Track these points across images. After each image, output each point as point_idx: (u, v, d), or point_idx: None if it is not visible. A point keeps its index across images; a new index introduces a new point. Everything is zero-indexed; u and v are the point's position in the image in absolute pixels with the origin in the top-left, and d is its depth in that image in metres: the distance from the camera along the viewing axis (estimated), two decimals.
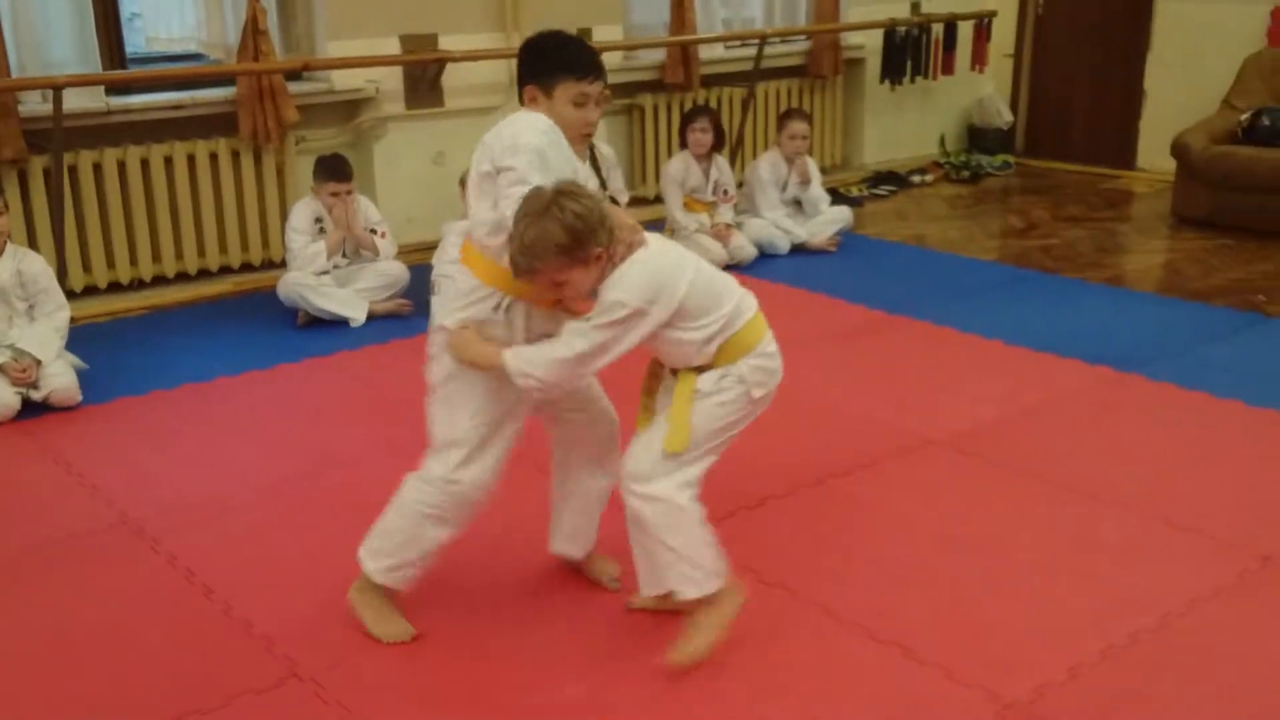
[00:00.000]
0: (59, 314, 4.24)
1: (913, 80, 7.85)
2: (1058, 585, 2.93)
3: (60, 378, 4.11)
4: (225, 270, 5.67)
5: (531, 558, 3.04)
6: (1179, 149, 6.51)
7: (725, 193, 6.01)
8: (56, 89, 4.77)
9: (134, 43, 5.48)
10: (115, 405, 4.21)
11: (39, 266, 4.24)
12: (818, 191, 6.26)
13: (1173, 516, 3.27)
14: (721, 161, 6.06)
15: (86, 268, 5.28)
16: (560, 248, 2.37)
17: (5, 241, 4.15)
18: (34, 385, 4.08)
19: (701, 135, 5.87)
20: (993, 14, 8.04)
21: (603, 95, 2.67)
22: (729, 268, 5.78)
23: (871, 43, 7.74)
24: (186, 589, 2.99)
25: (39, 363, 4.10)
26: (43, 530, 3.32)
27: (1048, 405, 4.08)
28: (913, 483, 3.52)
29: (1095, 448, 3.73)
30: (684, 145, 5.99)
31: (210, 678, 2.61)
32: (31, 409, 4.09)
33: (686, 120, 6.01)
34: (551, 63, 2.59)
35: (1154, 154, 7.65)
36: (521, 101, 2.64)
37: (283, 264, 5.55)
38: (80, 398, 4.15)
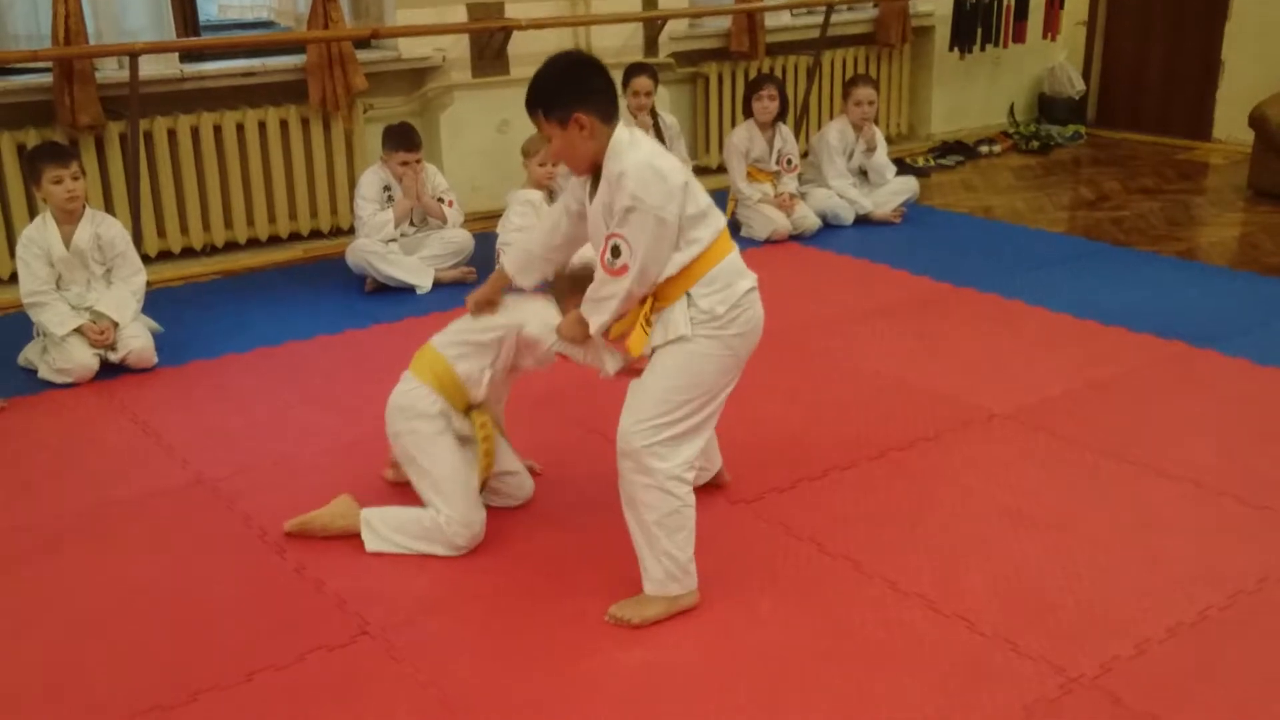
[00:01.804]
0: (136, 278, 4.34)
1: (983, 49, 7.73)
2: (1125, 561, 2.90)
3: (137, 340, 4.21)
4: (295, 237, 5.75)
5: (604, 523, 3.07)
6: (1257, 120, 6.35)
7: (789, 163, 5.97)
8: (134, 55, 4.86)
9: (207, 11, 5.55)
10: (189, 368, 4.31)
11: (116, 231, 4.33)
12: (883, 160, 6.20)
13: (1244, 494, 3.22)
14: (786, 131, 6.02)
15: (160, 233, 5.40)
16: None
17: (83, 206, 4.25)
18: (112, 347, 4.19)
19: (769, 103, 5.83)
20: None
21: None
22: (793, 238, 5.77)
23: (941, 10, 7.63)
24: (260, 548, 3.07)
25: (116, 325, 4.20)
26: (122, 488, 3.41)
27: (1118, 380, 4.02)
28: (977, 456, 3.50)
29: (1166, 423, 3.68)
30: (748, 114, 5.95)
31: (283, 634, 2.68)
32: (109, 370, 4.20)
33: (751, 89, 5.97)
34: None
35: (1231, 125, 7.47)
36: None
37: (351, 231, 5.63)
38: (156, 360, 4.26)
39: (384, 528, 3.03)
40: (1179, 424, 3.67)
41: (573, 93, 2.59)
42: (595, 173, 2.67)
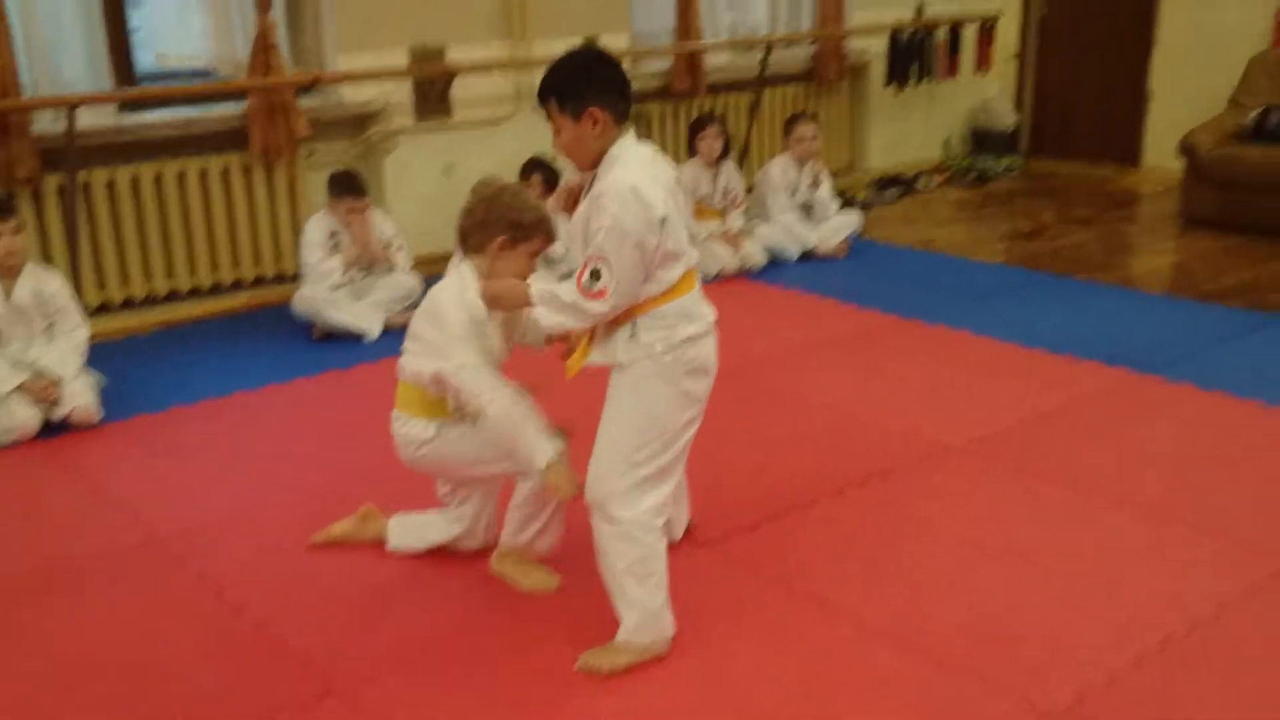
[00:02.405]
0: (78, 332, 4.25)
1: (918, 84, 7.87)
2: (1086, 591, 2.94)
3: (81, 396, 4.12)
4: (238, 284, 5.67)
5: (573, 570, 3.04)
6: (1187, 149, 6.53)
7: (735, 199, 6.03)
8: (71, 107, 4.78)
9: (144, 60, 5.48)
10: (136, 422, 4.22)
11: (57, 285, 4.25)
12: (827, 195, 6.29)
13: (1198, 520, 3.28)
14: (730, 168, 6.08)
15: (100, 284, 5.29)
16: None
17: (23, 261, 4.16)
18: (55, 404, 4.09)
19: (713, 142, 5.89)
20: (997, 16, 8.06)
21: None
22: (741, 274, 5.81)
23: (876, 47, 7.76)
24: (217, 606, 3.00)
25: (59, 381, 4.11)
26: (70, 548, 3.32)
27: (1068, 408, 4.09)
28: (935, 489, 3.53)
29: (1117, 451, 3.74)
30: (693, 153, 6.00)
31: (246, 697, 2.62)
32: (52, 428, 4.10)
33: (695, 129, 6.02)
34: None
35: (1160, 154, 7.66)
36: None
37: (295, 277, 5.56)
38: (101, 415, 4.16)
39: (414, 527, 3.18)
40: (1130, 452, 3.74)
41: (591, 85, 2.54)
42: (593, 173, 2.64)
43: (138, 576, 3.17)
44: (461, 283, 2.87)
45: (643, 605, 2.63)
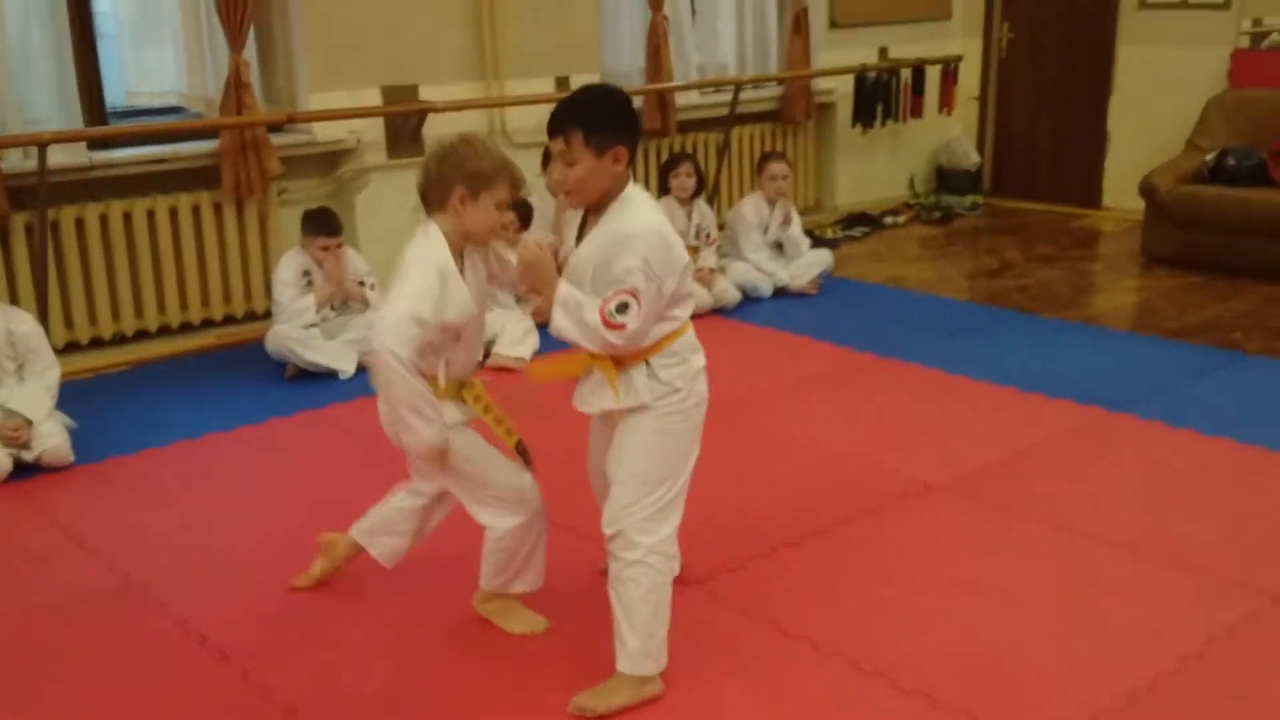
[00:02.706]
0: (49, 373, 4.19)
1: (883, 124, 7.98)
2: (1073, 628, 2.96)
3: (52, 437, 4.05)
4: (208, 323, 5.62)
5: (566, 613, 3.02)
6: (1147, 189, 6.66)
7: (708, 236, 6.06)
8: (42, 145, 4.73)
9: (114, 97, 5.44)
10: (108, 464, 4.15)
11: (29, 326, 4.19)
12: (798, 233, 6.35)
13: (1179, 556, 3.32)
14: (703, 206, 6.12)
15: (68, 324, 5.22)
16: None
17: None
18: (25, 446, 4.02)
19: (685, 180, 5.93)
20: (958, 59, 8.20)
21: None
22: (714, 312, 5.83)
23: (842, 88, 7.86)
24: (200, 653, 2.95)
25: (30, 423, 4.04)
26: (46, 596, 3.26)
27: (1043, 446, 4.13)
28: (919, 528, 3.55)
29: (1095, 488, 3.78)
30: (665, 191, 6.04)
31: None
32: (23, 470, 4.03)
33: (668, 167, 6.06)
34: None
35: (1119, 193, 7.81)
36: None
37: (265, 315, 5.52)
38: (73, 457, 4.10)
39: (382, 524, 3.08)
40: (1107, 489, 3.78)
41: (622, 124, 2.55)
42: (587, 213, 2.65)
43: (117, 624, 3.11)
44: (428, 241, 2.70)
45: (650, 633, 2.63)
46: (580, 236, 2.66)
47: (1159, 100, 7.61)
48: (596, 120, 2.52)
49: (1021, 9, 8.40)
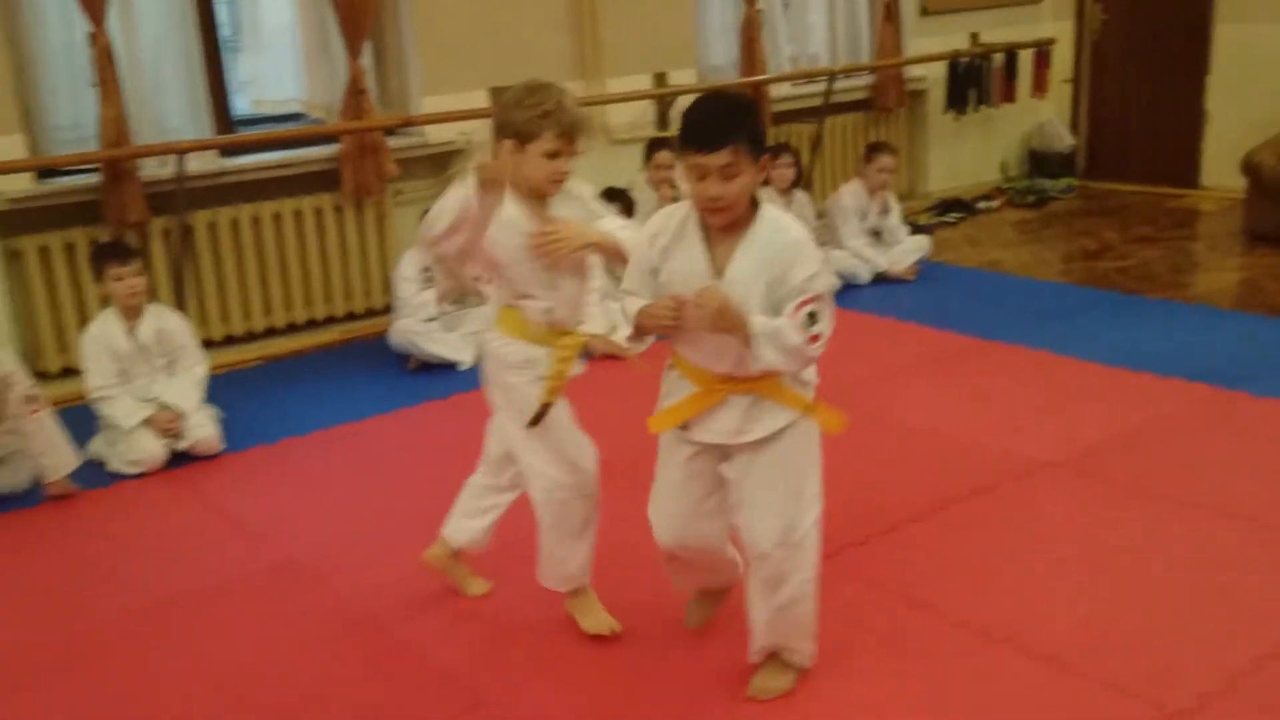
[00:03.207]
0: (198, 368, 4.46)
1: (976, 109, 8.00)
2: (1198, 597, 3.04)
3: (203, 428, 4.31)
4: (330, 320, 5.87)
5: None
6: (1250, 167, 6.61)
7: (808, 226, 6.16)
8: (180, 154, 5.01)
9: (239, 106, 5.72)
10: (252, 453, 4.40)
11: (177, 323, 4.46)
12: (896, 221, 6.42)
13: None
14: (802, 196, 6.23)
15: (203, 321, 5.50)
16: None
17: (144, 301, 4.37)
18: (179, 436, 4.28)
19: (785, 170, 6.05)
20: (1051, 41, 8.18)
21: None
22: None
23: (934, 74, 7.90)
24: (359, 625, 3.16)
25: (182, 414, 4.30)
26: (212, 572, 3.50)
27: (1156, 424, 4.18)
28: (1037, 504, 3.64)
29: (1213, 464, 3.83)
30: (765, 182, 6.14)
31: (397, 710, 2.76)
32: (175, 459, 4.29)
33: (768, 157, 6.16)
34: None
35: (1219, 172, 7.74)
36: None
37: (384, 311, 5.77)
38: (222, 446, 4.35)
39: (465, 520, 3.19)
40: (1227, 464, 3.83)
41: (763, 136, 2.47)
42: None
43: (279, 598, 3.33)
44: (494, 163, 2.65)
45: (815, 627, 2.73)
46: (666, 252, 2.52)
47: (1258, 78, 7.53)
48: (757, 129, 2.42)
49: None
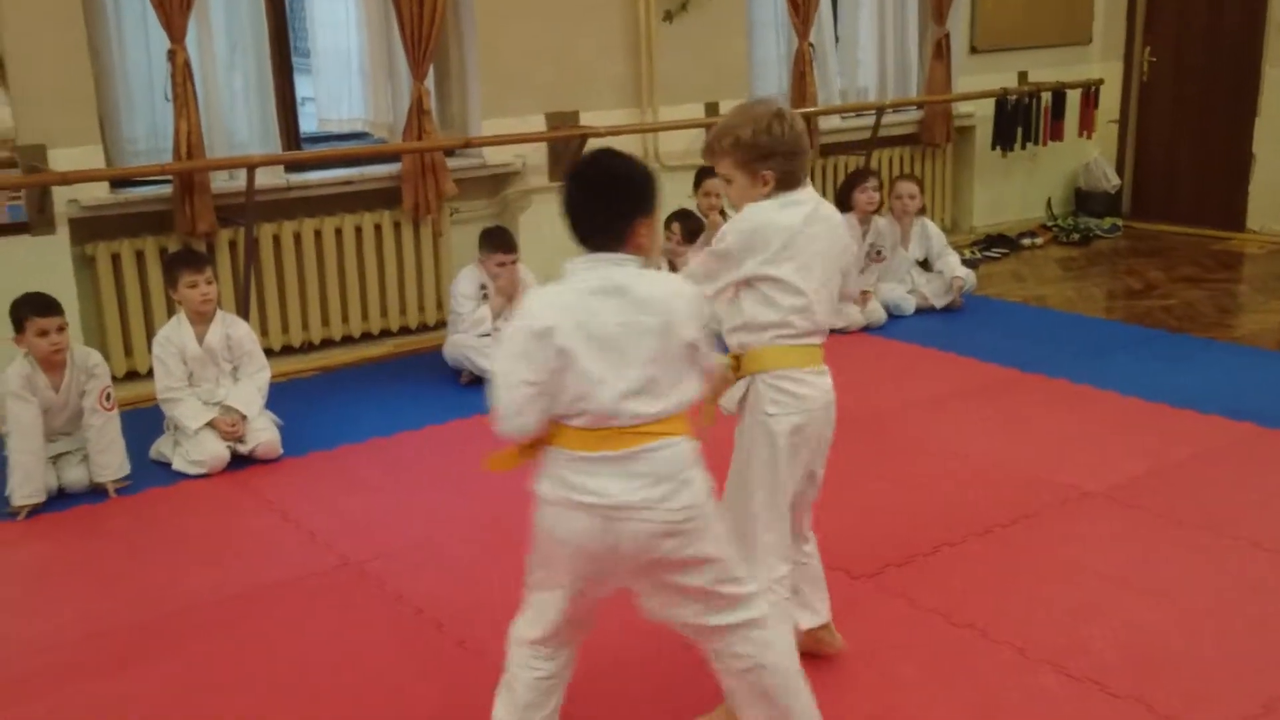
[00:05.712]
0: (261, 374, 4.61)
1: (1023, 147, 8.09)
2: (1235, 625, 3.10)
3: (265, 433, 4.46)
4: (385, 333, 6.03)
5: None
6: None
7: (879, 254, 6.25)
8: (251, 167, 5.19)
9: (306, 124, 5.91)
10: (311, 458, 4.54)
11: (244, 331, 4.62)
12: (950, 256, 6.49)
13: None
14: (881, 223, 6.31)
15: (263, 331, 5.68)
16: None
17: (215, 308, 4.54)
18: (241, 439, 4.43)
19: (873, 194, 6.15)
20: (1099, 82, 8.26)
21: None
22: (863, 330, 6.03)
23: (982, 111, 8.00)
24: (418, 624, 3.27)
25: (245, 419, 4.45)
26: (274, 571, 3.63)
27: (1197, 459, 4.24)
28: (1078, 532, 3.71)
29: (1254, 498, 3.89)
30: (844, 209, 6.20)
31: (458, 707, 2.87)
32: (237, 461, 4.44)
33: (853, 181, 6.27)
34: None
35: (1265, 216, 7.78)
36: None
37: (437, 326, 5.92)
38: (282, 451, 4.50)
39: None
40: (1265, 499, 3.88)
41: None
42: None
43: (342, 596, 3.46)
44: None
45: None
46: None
47: None
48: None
49: (1163, 32, 8.44)
